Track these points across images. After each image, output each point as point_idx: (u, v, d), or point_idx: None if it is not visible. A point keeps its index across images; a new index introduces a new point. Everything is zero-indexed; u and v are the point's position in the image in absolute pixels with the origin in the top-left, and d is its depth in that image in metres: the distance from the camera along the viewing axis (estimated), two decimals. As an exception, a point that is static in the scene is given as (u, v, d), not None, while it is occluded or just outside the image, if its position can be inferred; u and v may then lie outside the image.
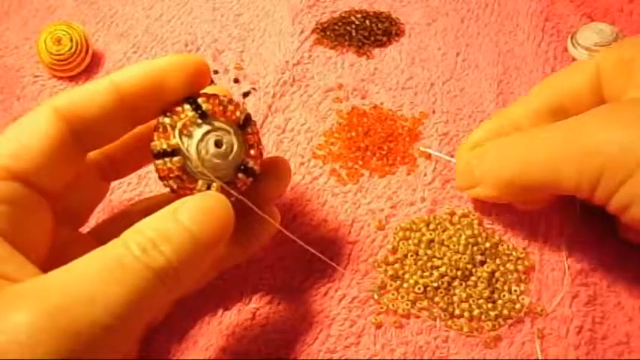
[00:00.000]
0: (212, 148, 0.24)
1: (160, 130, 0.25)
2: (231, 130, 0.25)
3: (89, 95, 0.24)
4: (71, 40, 0.41)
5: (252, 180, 0.26)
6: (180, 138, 0.24)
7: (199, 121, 0.25)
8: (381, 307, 0.31)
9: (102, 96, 0.24)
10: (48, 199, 0.24)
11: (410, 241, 0.33)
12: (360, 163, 0.37)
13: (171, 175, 0.25)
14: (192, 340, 0.30)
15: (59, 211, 0.25)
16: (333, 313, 0.31)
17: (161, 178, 0.25)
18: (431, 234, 0.33)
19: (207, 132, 0.25)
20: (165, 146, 0.24)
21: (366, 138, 0.38)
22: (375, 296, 0.31)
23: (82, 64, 0.41)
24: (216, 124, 0.25)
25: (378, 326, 0.30)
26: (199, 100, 0.25)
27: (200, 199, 0.23)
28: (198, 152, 0.24)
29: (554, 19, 0.45)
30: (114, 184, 0.33)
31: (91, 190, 0.29)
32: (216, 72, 0.42)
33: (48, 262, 0.23)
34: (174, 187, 0.25)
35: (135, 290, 0.20)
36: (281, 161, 0.29)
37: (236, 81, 0.42)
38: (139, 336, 0.29)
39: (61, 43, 0.40)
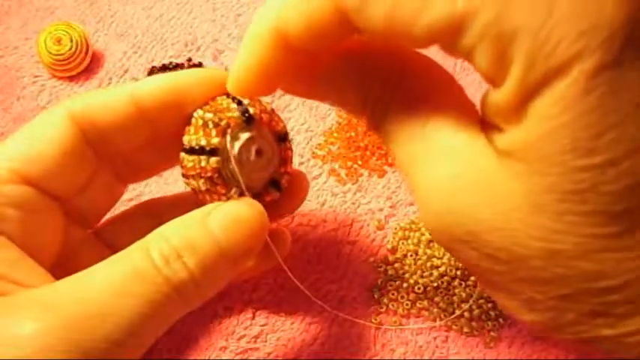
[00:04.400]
0: (253, 156, 0.23)
1: (200, 123, 0.22)
2: (273, 141, 0.24)
3: (107, 105, 0.23)
4: (71, 40, 0.41)
5: (278, 195, 0.25)
6: (225, 138, 0.22)
7: (245, 124, 0.22)
8: (381, 307, 0.31)
9: (120, 107, 0.23)
10: (59, 203, 0.24)
11: (409, 241, 0.33)
12: (360, 162, 0.37)
13: (202, 174, 0.22)
14: (192, 340, 0.30)
15: (71, 212, 0.25)
16: (333, 313, 0.31)
17: (187, 175, 0.23)
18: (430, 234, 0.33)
19: (251, 138, 0.23)
20: (204, 143, 0.22)
21: (365, 137, 0.38)
22: (375, 296, 0.31)
23: (82, 64, 0.41)
24: (261, 131, 0.23)
25: (378, 326, 0.31)
26: (245, 102, 0.23)
27: (236, 206, 0.22)
28: (240, 157, 0.22)
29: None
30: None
31: (105, 192, 0.27)
32: (216, 72, 0.42)
33: (57, 263, 0.23)
34: (202, 188, 0.23)
35: (151, 305, 0.19)
36: (301, 177, 0.28)
37: (236, 81, 0.42)
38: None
39: (61, 43, 0.40)
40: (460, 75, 0.42)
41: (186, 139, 0.23)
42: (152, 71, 0.42)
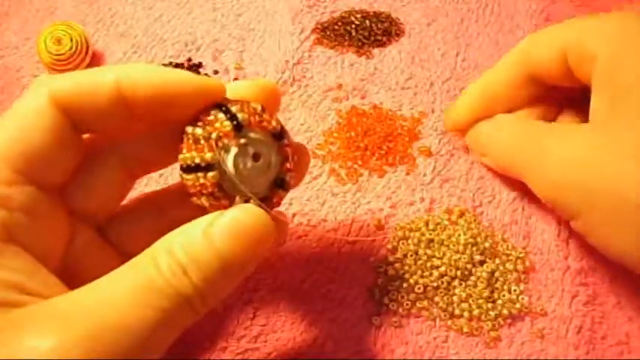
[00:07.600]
0: (250, 163, 0.23)
1: (191, 141, 0.23)
2: (268, 142, 0.23)
3: (90, 91, 0.22)
4: (71, 40, 0.41)
5: (286, 194, 0.24)
6: (217, 152, 0.22)
7: (235, 132, 0.22)
8: (381, 307, 0.31)
9: (103, 97, 0.22)
10: (62, 201, 0.23)
11: (409, 241, 0.33)
12: (360, 162, 0.37)
13: (204, 191, 0.22)
14: (192, 340, 0.30)
15: (76, 210, 0.24)
16: (333, 313, 0.31)
17: (190, 194, 0.23)
18: (430, 234, 0.33)
19: (244, 145, 0.23)
20: (198, 160, 0.22)
21: (365, 138, 0.38)
22: (376, 296, 0.31)
23: (82, 64, 0.41)
24: (253, 135, 0.23)
25: (378, 326, 0.30)
26: (233, 108, 0.23)
27: (238, 215, 0.21)
28: (236, 167, 0.22)
29: (554, 19, 0.45)
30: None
31: (111, 187, 0.26)
32: (216, 72, 0.42)
33: (64, 264, 0.23)
34: (207, 204, 0.23)
35: (164, 315, 0.19)
36: (301, 150, 0.27)
37: (236, 81, 0.42)
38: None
39: (61, 43, 0.40)
40: (460, 75, 0.42)
41: (181, 157, 0.23)
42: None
